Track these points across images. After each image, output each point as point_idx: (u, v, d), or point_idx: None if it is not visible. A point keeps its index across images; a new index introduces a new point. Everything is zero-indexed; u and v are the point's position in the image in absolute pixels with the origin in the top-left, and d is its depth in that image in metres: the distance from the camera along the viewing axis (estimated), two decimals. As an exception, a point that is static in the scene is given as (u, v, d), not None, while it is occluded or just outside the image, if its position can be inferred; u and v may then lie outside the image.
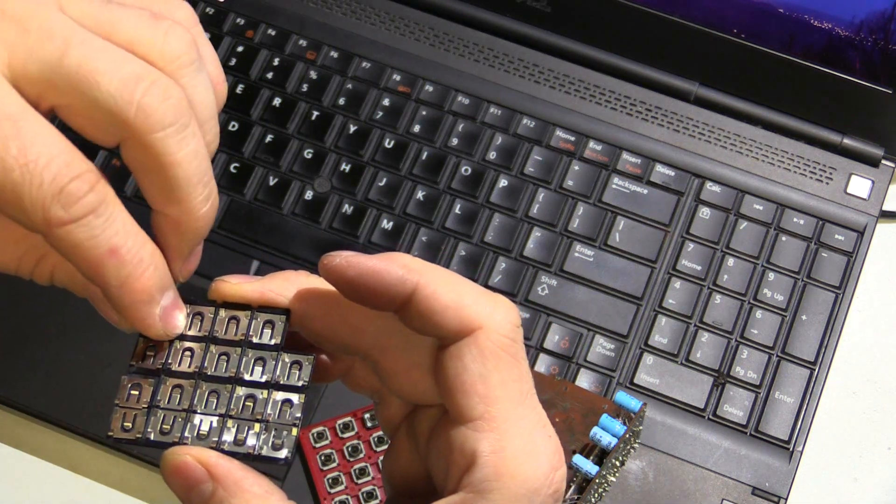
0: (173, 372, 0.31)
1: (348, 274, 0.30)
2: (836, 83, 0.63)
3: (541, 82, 0.65)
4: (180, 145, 0.28)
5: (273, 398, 0.31)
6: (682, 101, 0.65)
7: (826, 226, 0.62)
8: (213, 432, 0.30)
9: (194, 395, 0.31)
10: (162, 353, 0.31)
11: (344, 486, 0.55)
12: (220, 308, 0.32)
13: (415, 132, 0.64)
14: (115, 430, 0.30)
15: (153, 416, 0.30)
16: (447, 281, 0.30)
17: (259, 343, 0.31)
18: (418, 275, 0.29)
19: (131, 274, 0.29)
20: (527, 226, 0.62)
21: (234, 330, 0.32)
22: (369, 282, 0.30)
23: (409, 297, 0.29)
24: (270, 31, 0.66)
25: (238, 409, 0.31)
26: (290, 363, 0.31)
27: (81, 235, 0.28)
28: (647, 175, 0.63)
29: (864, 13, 0.61)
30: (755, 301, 0.60)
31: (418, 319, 0.30)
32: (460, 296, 0.30)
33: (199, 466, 0.29)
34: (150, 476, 0.57)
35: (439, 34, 0.67)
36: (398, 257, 0.30)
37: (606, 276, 0.61)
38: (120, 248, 0.28)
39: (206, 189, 0.30)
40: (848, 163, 0.64)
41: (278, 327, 0.31)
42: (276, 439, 0.30)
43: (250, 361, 0.31)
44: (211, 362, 0.31)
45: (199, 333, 0.32)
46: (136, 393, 0.31)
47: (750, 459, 0.57)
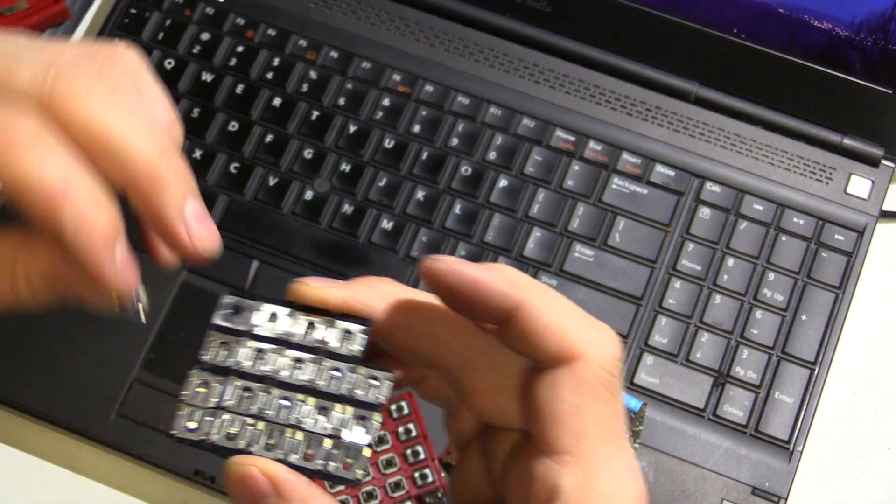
0: (244, 373, 0.30)
1: (449, 280, 0.29)
2: (836, 83, 0.63)
3: (541, 82, 0.65)
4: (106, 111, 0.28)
5: (346, 414, 0.29)
6: (682, 101, 0.65)
7: (826, 226, 0.62)
8: (282, 444, 0.29)
9: (264, 401, 0.29)
10: (234, 350, 0.30)
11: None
12: (297, 311, 0.30)
13: (415, 132, 0.64)
14: (178, 430, 0.29)
15: (219, 419, 0.29)
16: (551, 303, 0.28)
17: (337, 353, 0.30)
18: (523, 292, 0.28)
19: (85, 211, 0.28)
20: (527, 226, 0.62)
21: (311, 336, 0.30)
22: (470, 292, 0.28)
23: (510, 314, 0.28)
24: (270, 31, 0.66)
25: (310, 422, 0.29)
26: (367, 378, 0.30)
27: (27, 172, 0.27)
28: (647, 175, 0.63)
29: (864, 13, 0.61)
30: (755, 301, 0.60)
31: (517, 339, 0.28)
32: (564, 320, 0.28)
33: (265, 480, 0.28)
34: (150, 476, 0.57)
35: (439, 34, 0.67)
36: (503, 270, 0.29)
37: (606, 276, 0.61)
38: (69, 185, 0.28)
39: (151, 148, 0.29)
40: (848, 163, 0.64)
41: (358, 338, 0.30)
42: (347, 458, 0.29)
43: (325, 371, 0.30)
44: (285, 367, 0.30)
45: (273, 335, 0.30)
46: (204, 391, 0.29)
47: (750, 459, 0.57)
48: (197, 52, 0.66)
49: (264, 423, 0.29)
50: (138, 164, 0.29)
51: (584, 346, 0.28)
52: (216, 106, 0.64)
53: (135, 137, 0.29)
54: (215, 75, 0.65)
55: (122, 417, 0.57)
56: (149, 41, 0.66)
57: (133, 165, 0.29)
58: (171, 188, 0.29)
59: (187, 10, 0.67)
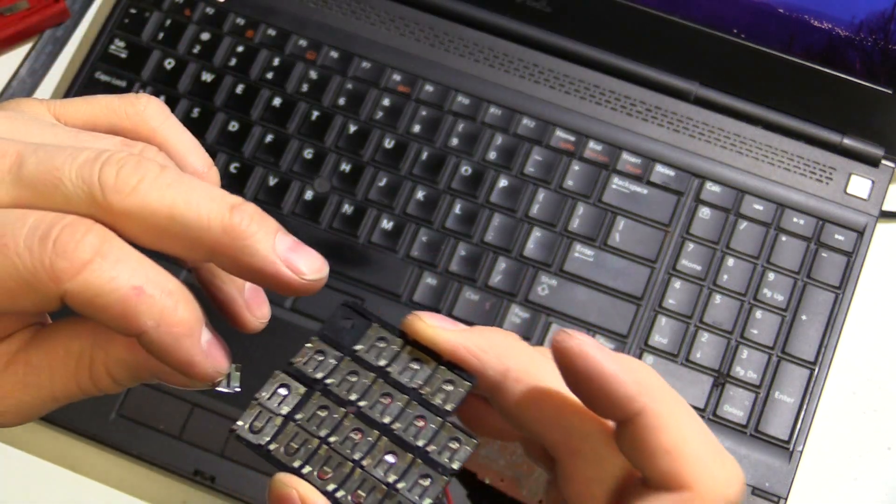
0: (329, 391, 0.28)
1: (576, 363, 0.27)
2: (836, 83, 0.63)
3: (541, 82, 0.65)
4: (163, 193, 0.27)
5: (413, 469, 0.27)
6: (682, 101, 0.65)
7: (826, 226, 0.62)
8: (336, 477, 0.27)
9: (336, 426, 0.28)
10: (326, 364, 0.29)
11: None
12: (406, 345, 0.29)
13: (415, 132, 0.64)
14: (241, 428, 0.28)
15: (285, 429, 0.28)
16: (677, 419, 0.27)
17: (428, 402, 0.28)
18: (649, 399, 0.27)
19: (164, 307, 0.27)
20: (527, 226, 0.62)
21: (409, 375, 0.28)
22: (595, 382, 0.27)
23: (630, 417, 0.27)
24: (270, 31, 0.66)
25: (372, 463, 0.27)
26: (449, 438, 0.28)
27: (97, 280, 0.26)
28: (647, 175, 0.63)
29: (864, 13, 0.61)
30: (755, 301, 0.60)
31: (630, 445, 0.27)
32: (683, 443, 0.26)
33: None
34: (150, 476, 0.57)
35: (439, 34, 0.67)
36: (636, 369, 0.27)
37: (606, 276, 0.61)
38: (144, 285, 0.26)
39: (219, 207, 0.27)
40: (848, 163, 0.64)
41: (456, 393, 0.28)
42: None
43: (410, 417, 0.28)
44: (371, 399, 0.28)
45: (372, 362, 0.29)
46: (283, 395, 0.28)
47: (750, 459, 0.57)
48: (197, 52, 0.66)
49: (326, 449, 0.27)
50: (212, 229, 0.27)
51: (700, 478, 0.26)
52: (216, 106, 0.64)
53: (199, 205, 0.27)
54: (215, 75, 0.65)
55: (122, 417, 0.57)
56: (149, 41, 0.66)
57: (208, 232, 0.27)
58: (255, 234, 0.28)
59: (187, 10, 0.67)
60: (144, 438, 0.56)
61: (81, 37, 0.69)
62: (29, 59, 0.67)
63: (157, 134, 0.31)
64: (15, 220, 0.26)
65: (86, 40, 0.69)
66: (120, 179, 0.27)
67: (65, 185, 0.26)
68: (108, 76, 0.65)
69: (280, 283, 0.28)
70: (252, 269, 0.28)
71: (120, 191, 0.26)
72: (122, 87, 0.65)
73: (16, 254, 0.26)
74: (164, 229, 0.27)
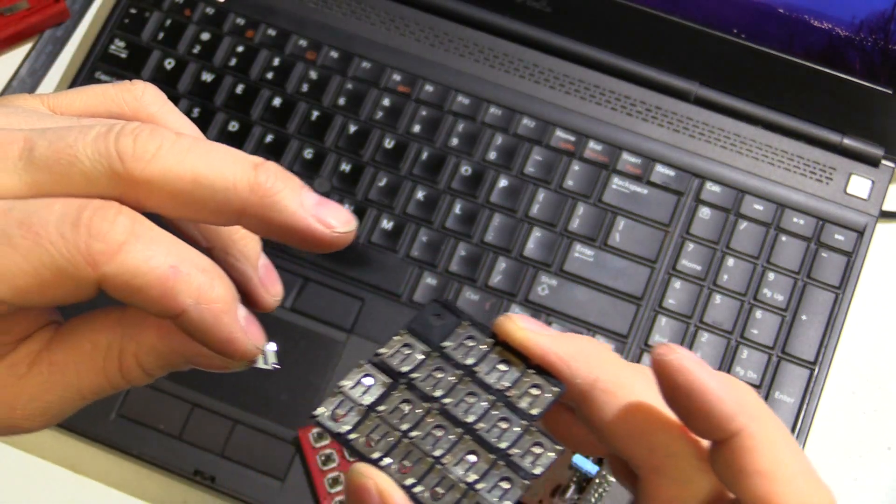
0: (413, 386, 0.28)
1: (676, 378, 0.26)
2: (836, 83, 0.63)
3: (541, 82, 0.65)
4: (184, 157, 0.26)
5: (494, 471, 0.27)
6: (682, 101, 0.65)
7: (826, 226, 0.62)
8: (415, 472, 0.27)
9: (418, 421, 0.27)
10: (413, 358, 0.28)
11: (344, 485, 0.55)
12: (496, 345, 0.29)
13: (415, 132, 0.64)
14: (322, 414, 0.27)
15: (367, 421, 0.27)
16: (773, 441, 0.26)
17: (514, 405, 0.28)
18: (748, 420, 0.26)
19: (202, 283, 0.26)
20: (527, 226, 0.62)
21: (496, 376, 0.28)
22: (694, 399, 0.26)
23: (726, 437, 0.26)
24: (270, 31, 0.66)
25: (452, 461, 0.27)
26: (533, 442, 0.27)
27: (134, 261, 0.25)
28: (647, 175, 0.63)
29: (864, 13, 0.61)
30: (755, 301, 0.60)
31: (723, 465, 0.26)
32: (779, 466, 0.26)
33: (377, 499, 0.26)
34: (150, 476, 0.57)
35: (439, 34, 0.67)
36: (737, 388, 0.27)
37: (606, 276, 0.61)
38: (179, 264, 0.26)
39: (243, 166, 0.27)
40: (848, 163, 0.64)
41: (543, 398, 0.28)
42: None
43: (494, 418, 0.27)
44: (455, 396, 0.28)
45: (460, 361, 0.28)
46: (366, 385, 0.28)
47: (750, 459, 0.57)
48: (197, 52, 0.66)
49: (407, 443, 0.27)
50: (238, 189, 0.27)
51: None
52: (216, 106, 0.64)
53: (223, 166, 0.27)
54: (215, 75, 0.65)
55: (122, 417, 0.57)
56: (149, 41, 0.66)
57: (234, 192, 0.27)
58: (281, 190, 0.27)
59: (187, 10, 0.67)
60: (144, 438, 0.56)
61: (81, 37, 0.69)
62: (29, 59, 0.67)
63: (157, 119, 0.31)
64: (41, 209, 0.25)
65: (86, 40, 0.69)
66: (138, 147, 0.26)
67: (81, 162, 0.26)
68: (108, 76, 0.65)
69: (311, 238, 0.27)
70: (283, 225, 0.27)
71: (140, 158, 0.26)
72: (122, 87, 0.65)
73: (49, 242, 0.25)
74: (190, 194, 0.26)
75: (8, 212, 0.25)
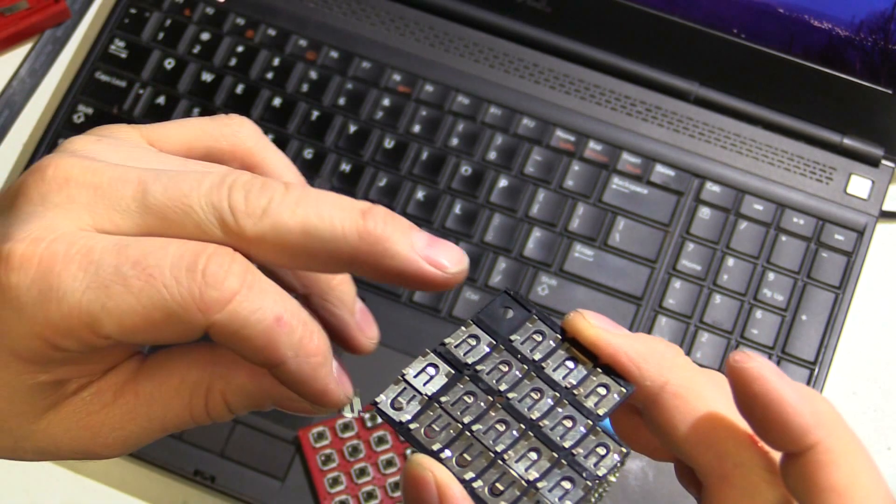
0: (478, 378, 0.27)
1: (753, 386, 0.26)
2: (836, 83, 0.63)
3: (541, 82, 0.65)
4: (294, 211, 0.26)
5: (556, 470, 0.26)
6: (682, 101, 0.65)
7: (826, 226, 0.62)
8: (475, 466, 0.26)
9: (481, 415, 0.27)
10: (479, 350, 0.28)
11: (344, 486, 0.55)
12: (564, 342, 0.28)
13: (415, 132, 0.64)
14: (383, 402, 0.27)
15: (428, 411, 0.27)
16: (850, 458, 0.26)
17: (580, 404, 0.27)
18: (825, 433, 0.25)
19: (303, 336, 0.26)
20: (527, 226, 0.62)
21: (563, 373, 0.28)
22: (770, 409, 0.25)
23: (802, 450, 0.26)
24: (270, 31, 0.66)
25: (514, 458, 0.26)
26: (597, 443, 0.27)
27: (244, 311, 0.25)
28: (647, 175, 0.63)
29: (864, 13, 0.61)
30: (755, 301, 0.60)
31: (796, 478, 0.26)
32: (854, 484, 0.25)
33: (436, 494, 0.26)
34: (150, 476, 0.57)
35: (439, 34, 0.67)
36: (815, 400, 0.26)
37: (606, 276, 0.61)
38: (284, 314, 0.26)
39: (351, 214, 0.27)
40: (848, 163, 0.64)
41: (610, 398, 0.27)
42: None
43: (559, 416, 0.27)
44: (520, 392, 0.27)
45: (527, 354, 0.28)
46: (430, 375, 0.27)
47: (750, 459, 0.57)
48: (197, 52, 0.66)
49: (468, 436, 0.26)
50: (348, 238, 0.27)
51: None
52: (216, 106, 0.64)
53: (332, 216, 0.27)
54: (215, 75, 0.65)
55: (122, 417, 0.57)
56: (149, 41, 0.66)
57: (345, 241, 0.27)
58: (391, 236, 0.27)
59: (187, 10, 0.67)
60: (144, 438, 0.56)
61: (81, 37, 0.69)
62: (29, 59, 0.67)
63: (254, 154, 0.31)
64: (157, 249, 0.26)
65: (86, 40, 0.69)
66: (250, 203, 0.26)
67: (195, 212, 0.26)
68: (108, 76, 0.65)
69: (424, 281, 0.27)
70: (394, 270, 0.27)
71: (251, 214, 0.26)
72: (122, 87, 0.65)
73: (163, 284, 0.25)
74: (301, 246, 0.26)
75: (124, 248, 0.26)
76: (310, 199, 0.27)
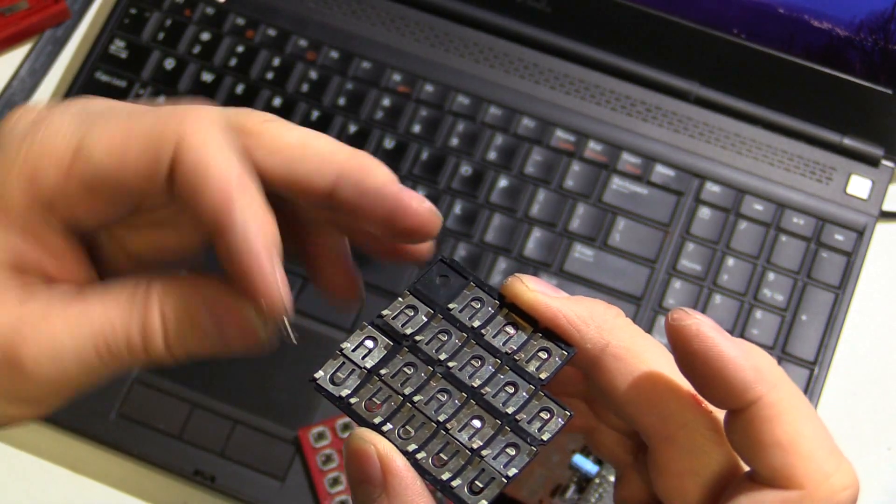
0: (417, 348, 0.27)
1: (692, 343, 0.25)
2: (836, 83, 0.63)
3: (541, 82, 0.65)
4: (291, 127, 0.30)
5: (500, 437, 0.26)
6: (682, 101, 0.65)
7: (826, 226, 0.62)
8: (417, 437, 0.26)
9: (422, 385, 0.26)
10: (417, 320, 0.27)
11: (344, 486, 0.55)
12: (503, 307, 0.27)
13: (415, 132, 0.64)
14: (322, 378, 0.27)
15: (368, 384, 0.27)
16: (793, 412, 0.25)
17: (521, 369, 0.27)
18: (767, 388, 0.25)
19: (259, 206, 0.27)
20: (527, 226, 0.62)
21: (503, 339, 0.27)
22: (711, 366, 0.25)
23: (743, 407, 0.25)
24: (270, 31, 0.66)
25: (457, 427, 0.26)
26: (540, 408, 0.26)
27: (210, 159, 0.28)
28: (647, 175, 0.63)
29: (864, 13, 0.61)
30: (755, 301, 0.60)
31: (739, 435, 0.25)
32: (799, 438, 0.25)
33: (378, 466, 0.25)
34: (149, 476, 0.57)
35: (439, 34, 0.67)
36: (755, 354, 0.26)
37: (606, 276, 0.61)
38: (244, 179, 0.28)
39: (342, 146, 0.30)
40: (848, 163, 0.64)
41: (551, 362, 0.27)
42: (478, 481, 0.25)
43: (500, 382, 0.26)
44: (460, 360, 0.27)
45: (465, 321, 0.27)
46: (368, 348, 0.27)
47: (750, 459, 0.57)
48: (197, 52, 0.66)
49: (410, 407, 0.26)
50: (338, 154, 0.29)
51: (813, 478, 0.24)
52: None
53: (329, 140, 0.29)
54: (215, 75, 0.65)
55: (122, 417, 0.57)
56: (149, 41, 0.66)
57: (334, 157, 0.29)
58: (378, 166, 0.29)
59: (187, 10, 0.67)
60: (144, 438, 0.56)
61: (81, 37, 0.69)
62: (29, 59, 0.67)
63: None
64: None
65: (86, 40, 0.69)
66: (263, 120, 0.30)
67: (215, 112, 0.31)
68: (108, 76, 0.65)
69: (401, 207, 0.28)
70: (376, 189, 0.28)
71: (262, 124, 0.30)
72: (123, 87, 0.65)
73: (143, 114, 0.29)
74: (301, 156, 0.29)
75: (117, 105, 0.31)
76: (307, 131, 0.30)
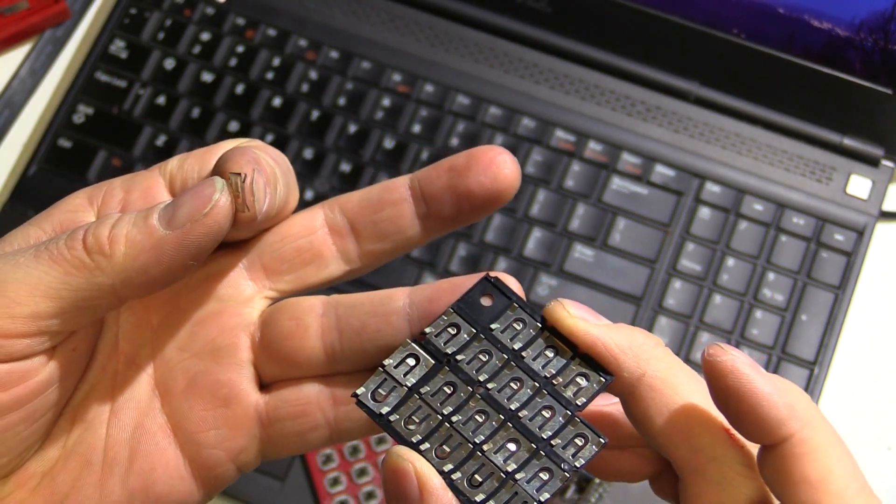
0: (458, 368, 0.27)
1: (727, 379, 0.26)
2: (836, 83, 0.63)
3: (541, 82, 0.65)
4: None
5: (534, 461, 0.26)
6: (682, 101, 0.65)
7: (826, 226, 0.62)
8: (454, 458, 0.26)
9: (461, 405, 0.27)
10: (459, 339, 0.28)
11: (344, 486, 0.55)
12: (544, 331, 0.28)
13: (415, 132, 0.64)
14: (363, 394, 0.27)
15: (408, 402, 0.27)
16: (825, 450, 0.25)
17: (559, 394, 0.27)
18: (800, 425, 0.25)
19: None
20: (527, 226, 0.62)
21: (542, 363, 0.27)
22: (745, 402, 0.25)
23: (776, 442, 0.25)
24: (270, 31, 0.66)
25: (492, 449, 0.26)
26: (576, 433, 0.27)
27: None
28: (647, 175, 0.63)
29: (864, 13, 0.61)
30: (755, 301, 0.60)
31: (771, 470, 0.26)
32: (829, 476, 0.25)
33: (416, 485, 0.26)
34: (150, 476, 0.57)
35: (439, 34, 0.67)
36: (789, 392, 0.26)
37: (606, 276, 0.61)
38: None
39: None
40: (848, 163, 0.64)
41: (588, 388, 0.27)
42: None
43: (538, 406, 0.27)
44: (500, 381, 0.27)
45: (507, 343, 0.28)
46: (410, 365, 0.27)
47: (750, 459, 0.57)
48: (197, 52, 0.66)
49: (448, 427, 0.27)
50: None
51: None
52: (216, 106, 0.64)
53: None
54: (215, 75, 0.65)
55: (122, 417, 0.57)
56: (149, 41, 0.66)
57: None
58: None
59: (187, 10, 0.67)
60: (144, 438, 0.56)
61: (81, 37, 0.69)
62: (29, 59, 0.67)
63: None
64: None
65: (86, 40, 0.69)
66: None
67: None
68: (108, 76, 0.65)
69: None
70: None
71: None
72: (122, 87, 0.65)
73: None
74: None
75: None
76: None
